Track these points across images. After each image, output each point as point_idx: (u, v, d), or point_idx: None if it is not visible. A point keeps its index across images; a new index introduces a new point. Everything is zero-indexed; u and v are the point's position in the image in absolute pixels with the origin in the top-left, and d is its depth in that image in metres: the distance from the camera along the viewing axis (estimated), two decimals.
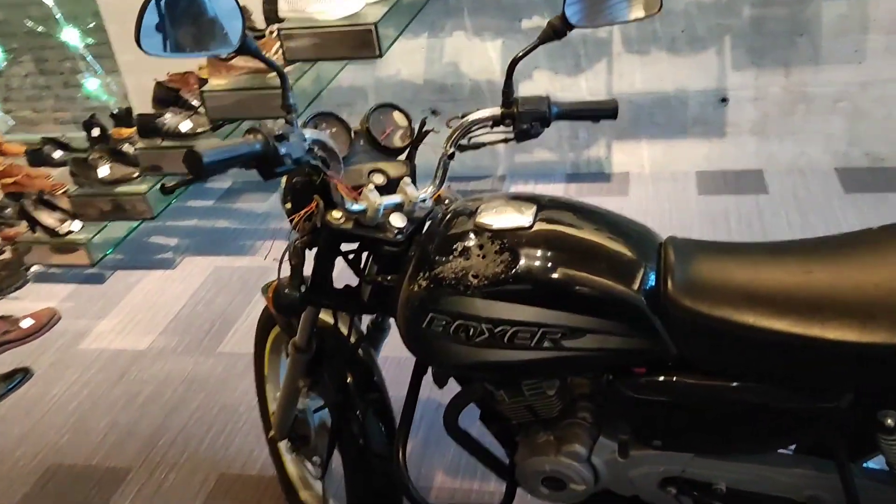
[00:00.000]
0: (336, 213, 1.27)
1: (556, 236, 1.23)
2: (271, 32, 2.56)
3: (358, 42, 2.27)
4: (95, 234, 3.10)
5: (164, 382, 2.55)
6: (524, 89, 3.23)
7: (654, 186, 3.21)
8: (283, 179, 1.42)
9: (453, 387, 1.43)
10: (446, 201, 1.37)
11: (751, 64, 2.99)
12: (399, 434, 1.41)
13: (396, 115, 1.40)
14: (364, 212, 1.26)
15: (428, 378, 1.42)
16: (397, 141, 1.38)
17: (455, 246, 1.23)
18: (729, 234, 2.84)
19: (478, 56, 3.21)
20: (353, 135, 1.35)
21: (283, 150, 1.08)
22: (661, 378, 1.23)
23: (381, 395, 1.58)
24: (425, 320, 1.24)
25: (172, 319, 2.87)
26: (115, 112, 3.39)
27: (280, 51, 2.43)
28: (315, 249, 1.37)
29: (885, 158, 3.09)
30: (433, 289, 1.22)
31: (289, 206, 1.38)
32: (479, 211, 1.26)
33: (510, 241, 1.20)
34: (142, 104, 3.61)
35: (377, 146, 1.36)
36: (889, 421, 1.16)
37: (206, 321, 2.83)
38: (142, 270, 3.24)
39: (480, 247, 1.22)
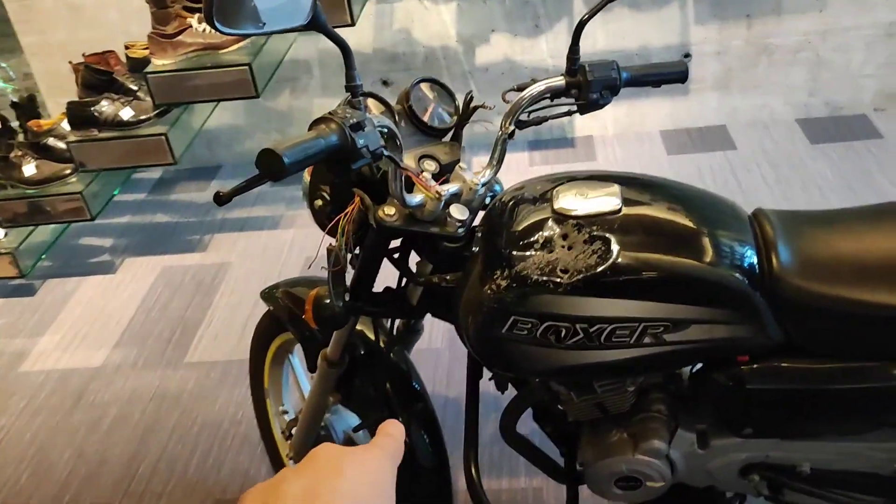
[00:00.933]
0: (389, 209, 1.09)
1: (650, 220, 1.09)
2: None
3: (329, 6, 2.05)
4: (23, 241, 2.77)
5: (130, 402, 2.29)
6: (481, 54, 3.07)
7: (620, 149, 3.12)
8: (306, 173, 1.22)
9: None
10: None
11: (713, 17, 2.92)
12: (468, 453, 1.26)
13: (438, 90, 1.22)
14: (422, 205, 1.09)
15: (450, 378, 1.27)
16: (443, 120, 1.21)
17: (533, 238, 1.08)
18: None
19: (431, 21, 3.02)
20: (395, 115, 1.16)
21: (360, 142, 0.89)
22: (770, 365, 1.12)
23: (424, 405, 1.42)
24: (506, 325, 1.08)
25: (125, 330, 2.60)
26: (16, 101, 2.97)
27: None
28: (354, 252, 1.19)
29: (844, 107, 3.10)
30: (514, 288, 1.06)
31: (319, 203, 1.19)
32: (555, 195, 1.11)
33: (600, 228, 1.06)
34: (54, 91, 3.25)
35: (423, 127, 1.18)
36: None
37: (165, 329, 2.57)
38: (77, 277, 2.92)
39: (565, 236, 1.07)
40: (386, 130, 0.97)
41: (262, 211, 3.09)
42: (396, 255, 1.22)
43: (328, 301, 1.16)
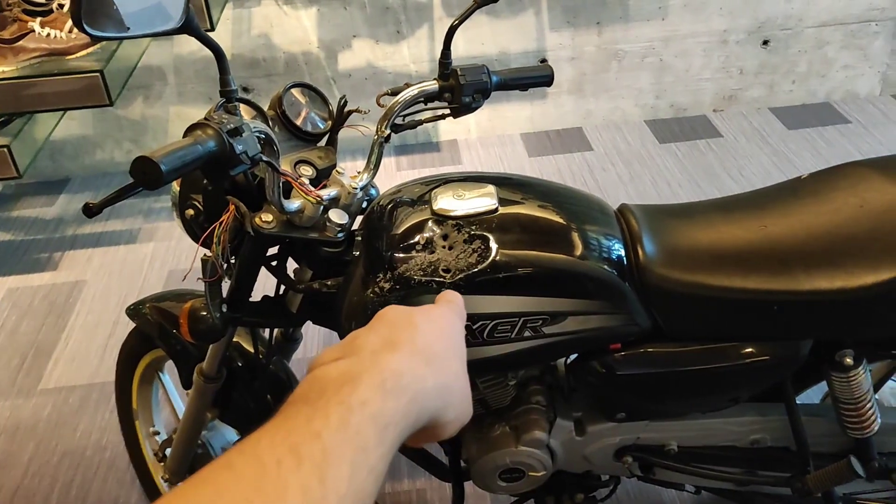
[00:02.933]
0: (266, 216, 1.07)
1: (525, 218, 1.13)
2: (60, 6, 2.17)
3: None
4: None
5: None
6: (343, 59, 3.05)
7: (484, 151, 3.20)
8: (175, 183, 1.18)
9: None
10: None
11: (567, 24, 3.05)
12: None
13: (311, 94, 1.21)
14: (301, 211, 1.07)
15: None
16: (317, 125, 1.20)
17: (414, 239, 1.09)
18: None
19: (291, 27, 2.97)
20: (268, 121, 1.14)
21: (239, 148, 0.87)
22: (639, 352, 1.19)
23: None
24: None
25: None
26: None
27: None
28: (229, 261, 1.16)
29: (687, 108, 3.32)
30: (398, 290, 1.07)
31: (191, 213, 1.15)
32: (433, 197, 1.13)
33: (479, 227, 1.09)
34: None
35: (297, 132, 1.16)
36: (848, 360, 1.21)
37: (15, 355, 2.38)
38: None
39: (445, 237, 1.08)
40: (263, 136, 0.95)
41: (117, 225, 2.93)
42: (274, 263, 1.20)
43: (204, 313, 1.12)
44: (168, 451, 1.51)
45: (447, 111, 1.22)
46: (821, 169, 1.28)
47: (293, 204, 1.06)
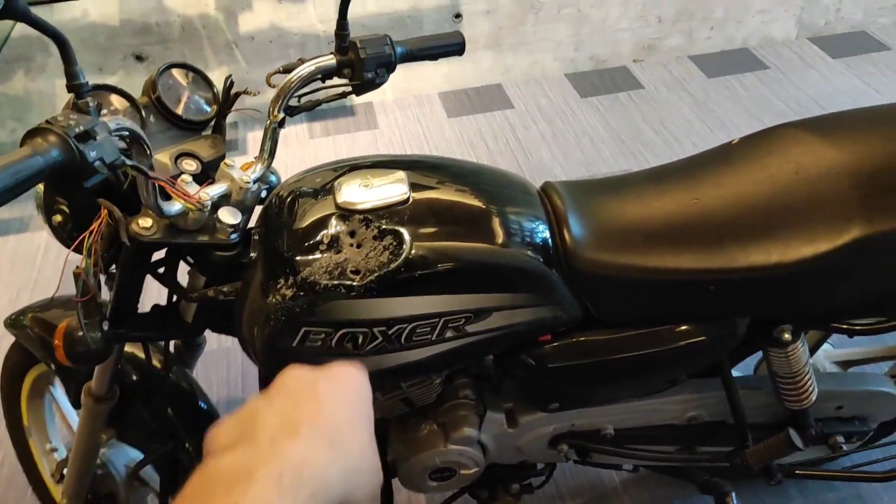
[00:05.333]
0: (144, 221, 0.93)
1: (440, 206, 1.01)
2: None
3: None
4: None
5: None
6: (244, 22, 2.84)
7: (401, 114, 3.05)
8: (41, 185, 1.02)
9: None
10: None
11: None
12: None
13: (193, 76, 1.06)
14: (184, 213, 0.93)
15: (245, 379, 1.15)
16: (201, 110, 1.05)
17: (318, 237, 0.97)
18: (489, 154, 2.80)
19: None
20: (140, 110, 0.99)
21: (92, 154, 0.72)
22: (570, 342, 1.11)
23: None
24: (297, 337, 0.97)
25: None
26: None
27: None
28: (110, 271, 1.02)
29: (607, 60, 3.24)
30: (302, 297, 0.95)
31: (58, 219, 1.00)
32: (337, 187, 1.00)
33: (390, 221, 0.97)
34: None
35: (177, 120, 1.02)
36: (786, 335, 1.16)
37: None
38: None
39: (352, 234, 0.97)
40: (127, 133, 0.80)
41: (5, 212, 2.69)
42: (161, 270, 1.06)
43: (83, 333, 0.98)
44: (65, 472, 1.36)
45: (348, 88, 1.09)
46: (752, 133, 1.20)
47: (174, 206, 0.92)
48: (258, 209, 1.07)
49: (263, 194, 1.08)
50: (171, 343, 1.26)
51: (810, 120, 1.20)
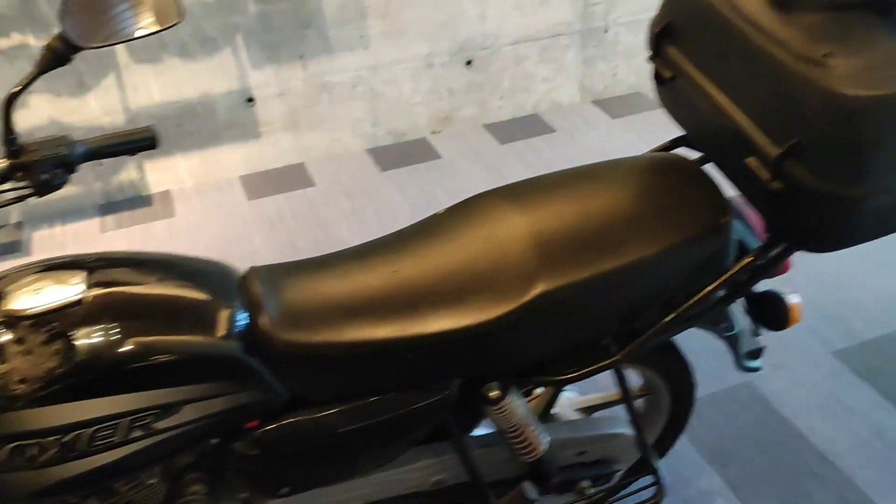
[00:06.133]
0: None
1: (119, 302, 1.00)
2: None
3: None
4: None
5: None
6: (21, 118, 2.75)
7: (199, 200, 3.02)
8: None
9: None
10: None
11: (268, 60, 2.96)
12: None
13: None
14: None
15: None
16: None
17: None
18: (288, 234, 2.81)
19: None
20: None
21: None
22: (278, 426, 1.11)
23: None
24: None
25: None
26: None
27: None
28: None
29: (406, 133, 3.36)
30: None
31: None
32: (4, 295, 0.97)
33: (61, 323, 0.95)
34: None
35: None
36: (493, 393, 1.21)
37: None
38: None
39: (20, 341, 0.94)
40: None
41: None
42: None
43: None
44: None
45: (28, 191, 1.07)
46: (457, 203, 1.27)
47: None
48: None
49: None
50: None
51: (509, 186, 1.28)
